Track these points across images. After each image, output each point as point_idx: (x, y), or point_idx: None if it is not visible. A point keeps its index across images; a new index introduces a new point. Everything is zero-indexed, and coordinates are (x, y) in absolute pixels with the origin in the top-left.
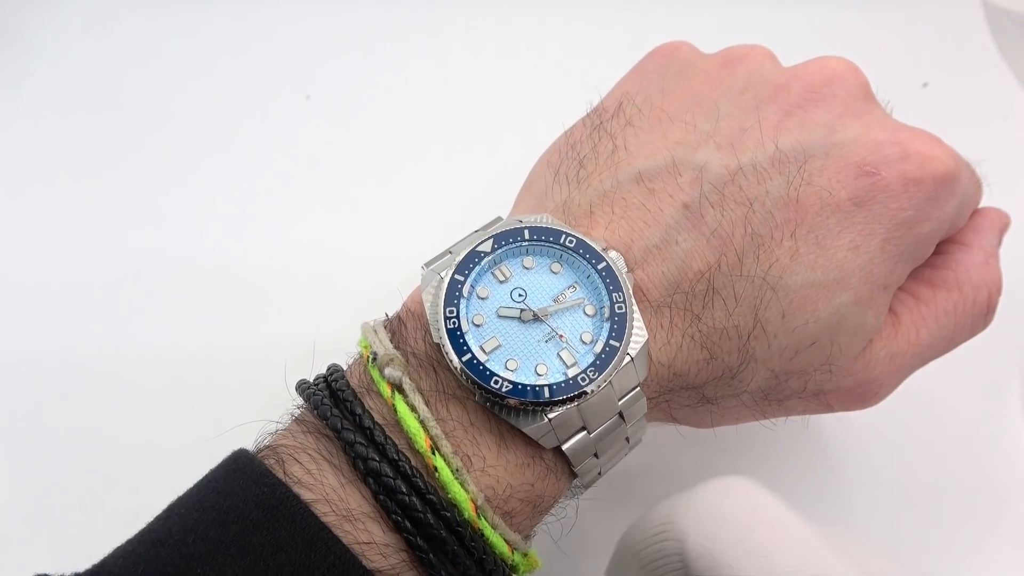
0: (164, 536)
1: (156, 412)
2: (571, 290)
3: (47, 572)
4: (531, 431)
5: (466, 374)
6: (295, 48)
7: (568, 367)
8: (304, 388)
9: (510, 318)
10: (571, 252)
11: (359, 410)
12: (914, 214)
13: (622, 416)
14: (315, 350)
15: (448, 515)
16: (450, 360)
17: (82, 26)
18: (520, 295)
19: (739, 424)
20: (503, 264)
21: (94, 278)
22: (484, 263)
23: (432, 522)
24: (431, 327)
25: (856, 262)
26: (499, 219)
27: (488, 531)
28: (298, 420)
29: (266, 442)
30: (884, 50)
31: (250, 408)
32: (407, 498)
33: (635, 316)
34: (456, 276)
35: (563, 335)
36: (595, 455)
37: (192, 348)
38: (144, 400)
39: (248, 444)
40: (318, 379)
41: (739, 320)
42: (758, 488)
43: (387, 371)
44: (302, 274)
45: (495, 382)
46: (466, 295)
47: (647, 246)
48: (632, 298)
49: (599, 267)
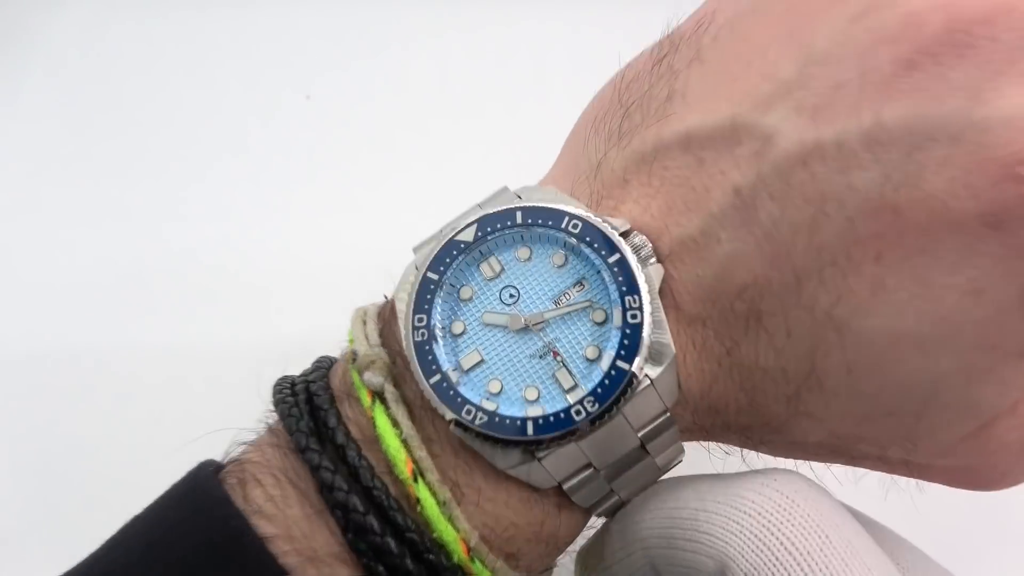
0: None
1: (157, 410)
2: (577, 289)
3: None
4: (517, 473)
5: (434, 399)
6: (296, 48)
7: (566, 391)
8: (278, 391)
9: (497, 326)
10: (576, 239)
11: (332, 422)
12: None
13: (645, 447)
14: (316, 349)
15: (433, 559)
16: (417, 381)
17: (82, 27)
18: (512, 295)
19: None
20: (492, 256)
21: (95, 277)
22: (467, 256)
23: (412, 569)
24: (402, 336)
25: (975, 314)
26: (504, 190)
27: None
28: (271, 429)
29: (236, 453)
30: None
31: (252, 405)
32: (379, 538)
33: (658, 321)
34: (429, 274)
35: (558, 352)
36: (611, 490)
37: (193, 346)
38: (145, 399)
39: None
40: (300, 377)
41: (789, 363)
42: (827, 499)
43: (367, 375)
44: (304, 273)
45: (467, 412)
46: (443, 297)
47: (682, 236)
48: (656, 301)
49: (610, 260)
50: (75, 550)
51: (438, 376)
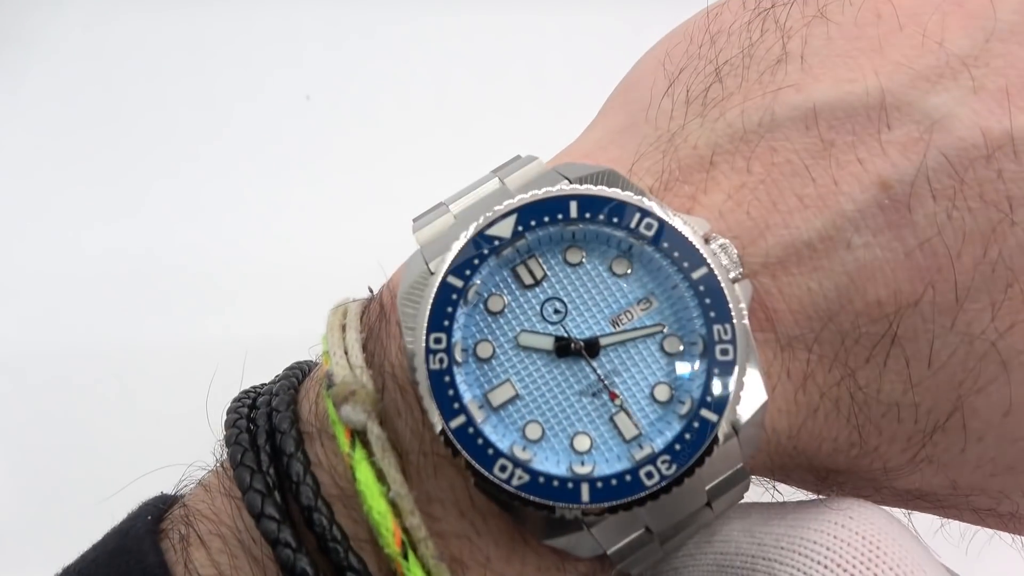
0: None
1: (157, 409)
2: (643, 307)
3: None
4: (556, 543)
5: (455, 449)
6: (296, 49)
7: (627, 443)
8: (232, 422)
9: (537, 350)
10: (649, 245)
11: (297, 473)
12: None
13: (710, 504)
14: (316, 348)
15: None
16: (432, 423)
17: (82, 26)
18: (557, 311)
19: None
20: (533, 258)
21: (95, 277)
22: (500, 255)
23: None
24: (407, 357)
25: None
26: (536, 163)
27: None
28: (225, 468)
29: (186, 492)
30: None
31: None
32: None
33: (752, 362)
34: (451, 279)
35: (616, 393)
36: (661, 549)
37: (194, 345)
38: (145, 398)
39: None
40: (264, 395)
41: (926, 398)
42: (910, 540)
43: (345, 410)
44: (304, 272)
45: (501, 468)
46: (467, 307)
47: (794, 240)
48: (749, 334)
49: (694, 275)
50: (74, 550)
51: (462, 418)
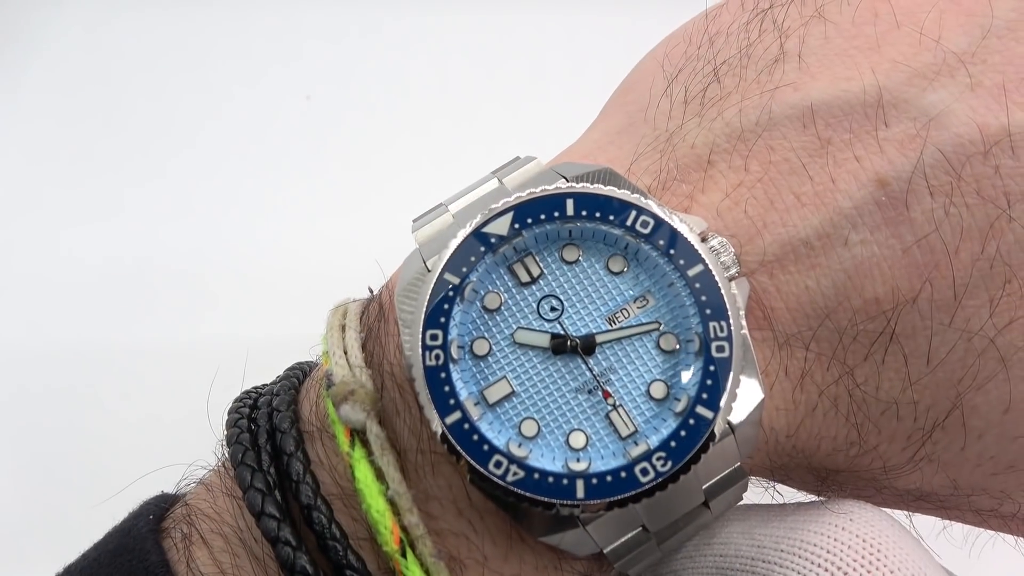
0: None
1: (157, 408)
2: (639, 305)
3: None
4: (552, 540)
5: (451, 445)
6: (297, 49)
7: (623, 440)
8: (234, 422)
9: (533, 347)
10: (645, 242)
11: (297, 472)
12: None
13: (707, 504)
14: (317, 348)
15: None
16: (427, 420)
17: (82, 26)
18: (553, 308)
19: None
20: (529, 255)
21: (95, 277)
22: (496, 252)
23: None
24: (403, 355)
25: None
26: (535, 163)
27: None
28: (226, 468)
29: (188, 491)
30: None
31: None
32: None
33: (748, 359)
34: (447, 276)
35: (610, 392)
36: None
37: (195, 344)
38: (145, 397)
39: None
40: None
41: (925, 395)
42: (911, 543)
43: (345, 409)
44: (305, 272)
45: (496, 464)
46: (464, 304)
47: (791, 238)
48: (745, 330)
49: (690, 272)
50: (74, 549)
51: (457, 414)
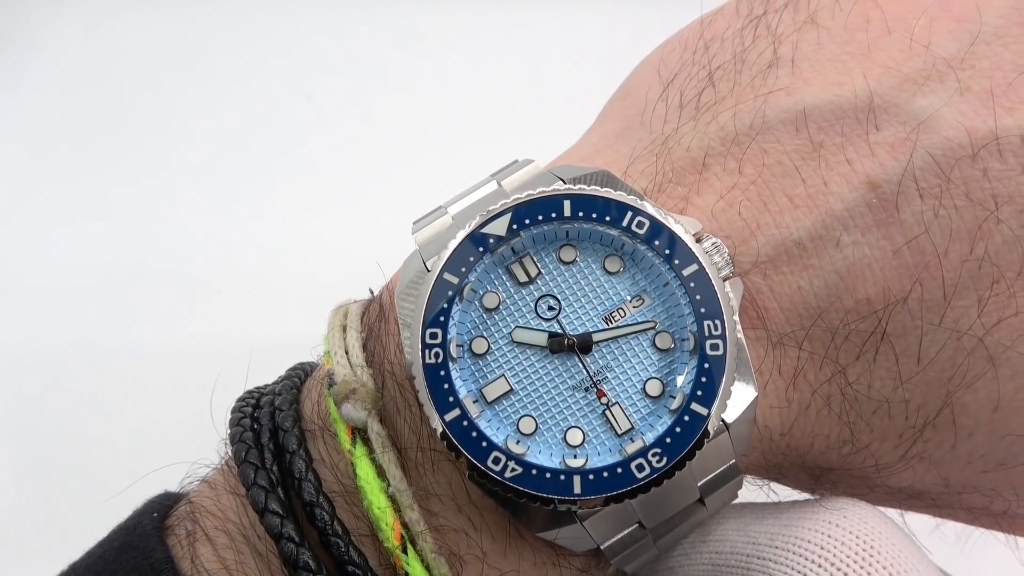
0: None
1: (158, 408)
2: (635, 304)
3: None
4: (549, 536)
5: (450, 442)
6: (297, 50)
7: (620, 436)
8: (237, 420)
9: (531, 346)
10: (641, 243)
11: (300, 470)
12: None
13: (703, 500)
14: (317, 348)
15: None
16: (427, 417)
17: (82, 26)
18: (551, 308)
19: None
20: (527, 256)
21: (95, 277)
22: (495, 253)
23: None
24: (403, 354)
25: None
26: (532, 165)
27: None
28: (229, 467)
29: (191, 489)
30: None
31: None
32: None
33: (742, 357)
34: (446, 276)
35: (604, 391)
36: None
37: (194, 344)
38: (145, 397)
39: None
40: (267, 395)
41: (916, 394)
42: (903, 539)
43: (346, 408)
44: (305, 273)
45: (495, 461)
46: (463, 303)
47: (784, 239)
48: (738, 328)
49: (685, 272)
50: (75, 549)
51: (456, 412)
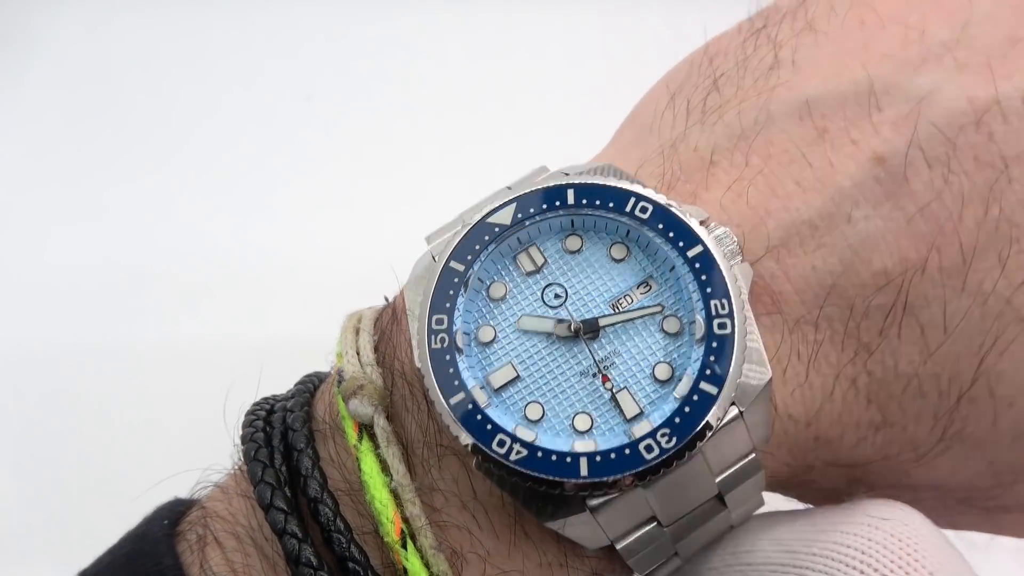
0: None
1: (158, 409)
2: (642, 291)
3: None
4: (559, 527)
5: (457, 427)
6: (297, 50)
7: (628, 422)
8: (249, 423)
9: (538, 333)
10: (645, 227)
11: (306, 467)
12: None
13: (722, 498)
14: (318, 349)
15: None
16: (431, 402)
17: (82, 26)
18: (557, 296)
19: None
20: (533, 245)
21: (96, 277)
22: (501, 243)
23: None
24: (413, 343)
25: None
26: (542, 169)
27: None
28: (242, 471)
29: (203, 494)
30: None
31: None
32: None
33: (751, 337)
34: (452, 264)
35: (608, 377)
36: (674, 552)
37: (194, 345)
38: (146, 397)
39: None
40: (280, 402)
41: (946, 366)
42: (944, 542)
43: (353, 403)
44: (305, 273)
45: (500, 443)
46: (469, 292)
47: (795, 221)
48: (746, 308)
49: (690, 254)
50: (74, 549)
51: (461, 395)
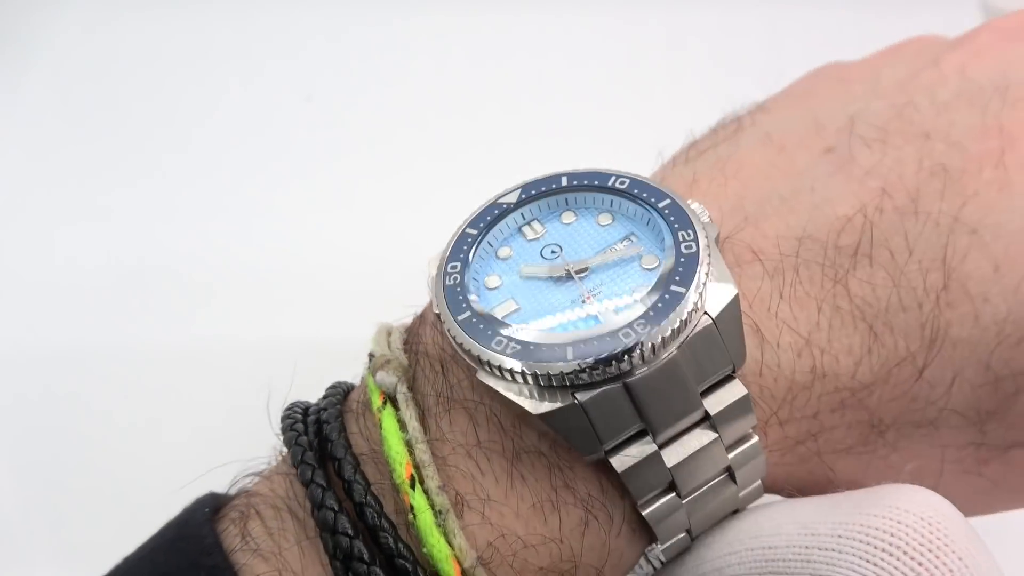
0: None
1: (159, 410)
2: (625, 244)
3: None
4: (549, 418)
5: (462, 336)
6: (297, 50)
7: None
8: (287, 416)
9: (536, 278)
10: (624, 197)
11: (334, 436)
12: None
13: (714, 426)
14: (318, 349)
15: None
16: (442, 322)
17: (82, 26)
18: (553, 251)
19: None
20: (535, 221)
21: (96, 277)
22: (507, 218)
23: None
24: (432, 293)
25: None
26: None
27: None
28: (283, 458)
29: (248, 483)
30: None
31: (254, 407)
32: (366, 567)
33: (712, 259)
34: (468, 229)
35: (589, 296)
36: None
37: (194, 347)
38: (147, 399)
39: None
40: (313, 405)
41: (917, 278)
42: (967, 525)
43: (380, 375)
44: (305, 274)
45: (498, 343)
46: (480, 252)
47: (766, 197)
48: (708, 238)
49: (660, 205)
50: (73, 549)
51: (467, 313)
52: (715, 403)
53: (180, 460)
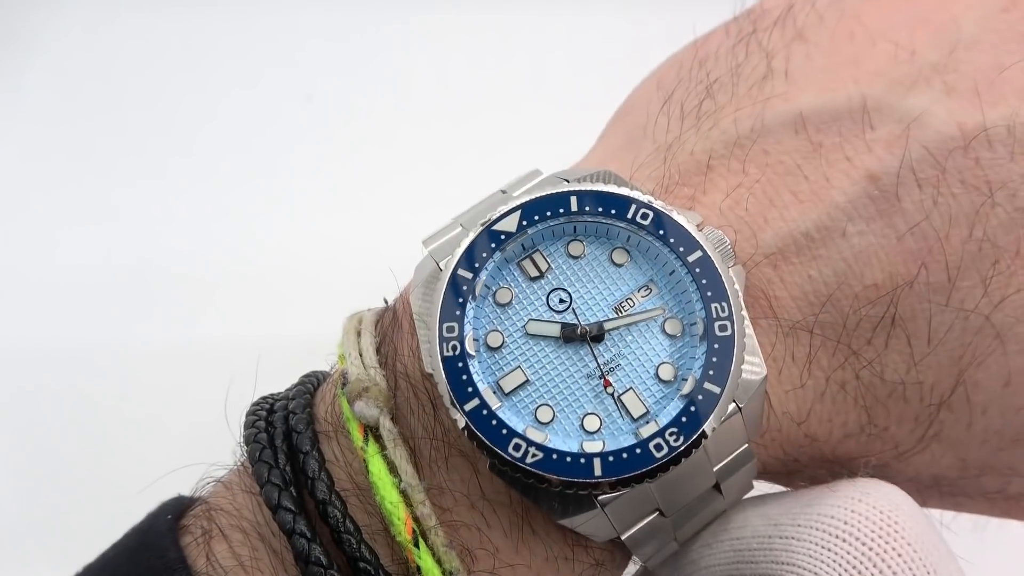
0: None
1: (158, 409)
2: (643, 294)
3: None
4: (572, 523)
5: (471, 431)
6: (297, 50)
7: (635, 421)
8: (251, 423)
9: (545, 337)
10: (646, 233)
11: (313, 469)
12: None
13: (719, 488)
14: (318, 349)
15: None
16: (447, 408)
17: (83, 27)
18: (562, 300)
19: None
20: (537, 251)
21: (96, 277)
22: (506, 249)
23: None
24: (421, 350)
25: None
26: (536, 172)
27: None
28: (245, 468)
29: (206, 491)
30: None
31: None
32: None
33: (749, 337)
34: (460, 272)
35: (610, 381)
36: (674, 539)
37: (194, 346)
38: (146, 397)
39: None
40: (280, 400)
41: (929, 375)
42: (922, 515)
43: (359, 406)
44: (305, 273)
45: (515, 447)
46: (477, 300)
47: (791, 232)
48: (743, 310)
49: (690, 259)
50: (73, 549)
51: (476, 401)
52: (723, 470)
53: (180, 460)
